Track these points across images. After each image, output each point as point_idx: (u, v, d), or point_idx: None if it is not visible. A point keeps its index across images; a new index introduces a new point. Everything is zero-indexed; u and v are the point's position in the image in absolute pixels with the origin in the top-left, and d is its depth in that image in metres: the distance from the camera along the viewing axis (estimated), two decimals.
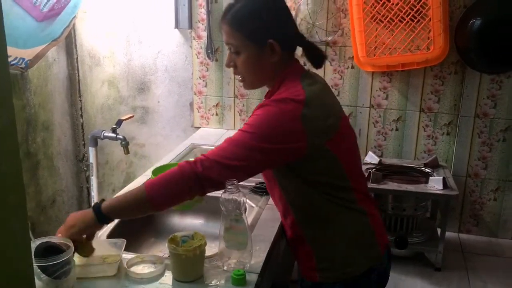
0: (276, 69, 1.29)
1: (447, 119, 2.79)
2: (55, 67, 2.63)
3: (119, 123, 1.96)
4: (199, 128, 3.06)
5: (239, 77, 1.34)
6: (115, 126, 1.94)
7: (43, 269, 1.07)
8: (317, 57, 1.35)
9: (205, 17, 2.85)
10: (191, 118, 3.08)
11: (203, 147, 2.47)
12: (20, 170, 0.69)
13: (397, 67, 2.68)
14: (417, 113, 2.81)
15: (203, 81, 2.99)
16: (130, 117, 2.06)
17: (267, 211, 1.63)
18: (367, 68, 2.76)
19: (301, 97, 1.20)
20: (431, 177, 2.53)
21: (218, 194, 1.24)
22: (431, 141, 2.84)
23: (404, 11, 2.54)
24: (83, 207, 2.86)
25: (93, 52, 2.93)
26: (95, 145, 2.00)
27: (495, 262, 2.65)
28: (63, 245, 1.13)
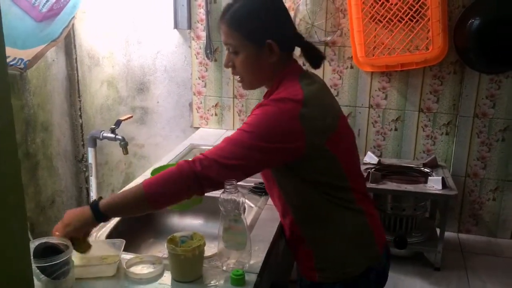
0: (274, 69, 1.29)
1: (446, 119, 2.79)
2: (54, 68, 2.63)
3: (118, 123, 1.96)
4: (198, 128, 3.06)
5: (238, 77, 1.34)
6: (114, 126, 1.94)
7: (42, 270, 1.07)
8: (316, 57, 1.35)
9: (204, 17, 2.85)
10: (191, 118, 3.08)
11: (203, 147, 2.47)
12: (19, 170, 0.69)
13: (396, 67, 2.68)
14: (416, 113, 2.81)
15: (202, 81, 3.00)
16: (129, 118, 2.06)
17: (266, 211, 1.63)
18: (366, 68, 2.76)
19: (300, 97, 1.21)
20: (430, 177, 2.53)
21: (217, 194, 1.24)
22: (430, 141, 2.84)
23: (403, 11, 2.54)
24: None
25: (92, 52, 2.93)
26: (94, 145, 1.99)
27: (494, 261, 2.66)
28: (62, 245, 1.13)
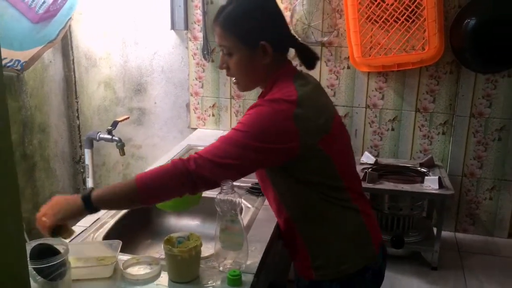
0: (268, 70, 1.30)
1: (443, 118, 2.80)
2: (51, 69, 2.63)
3: (115, 124, 1.96)
4: (195, 129, 3.06)
5: (234, 79, 1.34)
6: (110, 127, 1.94)
7: (39, 271, 1.07)
8: (310, 58, 1.36)
9: (201, 18, 2.86)
10: (188, 119, 3.08)
11: (200, 148, 2.43)
12: (14, 171, 0.69)
13: (392, 67, 2.69)
14: (413, 113, 2.82)
15: (200, 82, 3.00)
16: (125, 119, 2.06)
17: (263, 211, 1.63)
18: (362, 68, 2.77)
19: (294, 97, 1.21)
20: (426, 177, 2.54)
21: (213, 195, 1.24)
22: (426, 140, 2.85)
23: (399, 11, 2.55)
24: None
25: (89, 53, 2.93)
26: (91, 146, 1.99)
27: (491, 261, 2.66)
28: (59, 246, 1.13)
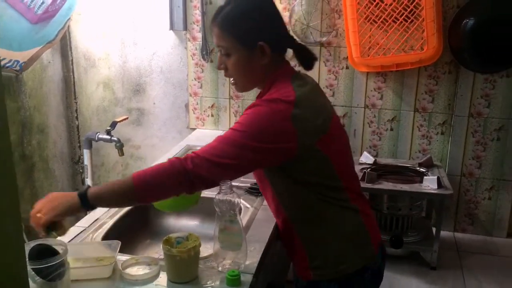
0: (266, 71, 1.30)
1: (442, 118, 2.80)
2: (50, 69, 2.63)
3: (114, 125, 1.97)
4: (194, 129, 3.07)
5: (232, 79, 1.35)
6: (109, 128, 1.94)
7: (38, 272, 1.07)
8: (308, 58, 1.35)
9: (199, 18, 2.86)
10: (187, 119, 3.08)
11: (199, 148, 2.47)
12: (13, 172, 0.69)
13: (391, 67, 2.69)
14: (412, 113, 2.82)
15: (198, 82, 3.00)
16: (124, 119, 2.07)
17: (262, 211, 1.64)
18: (361, 68, 2.77)
19: (292, 98, 1.21)
20: (425, 177, 2.54)
21: (212, 195, 1.24)
22: (425, 140, 2.85)
23: (397, 11, 2.55)
24: None
25: (88, 54, 2.93)
26: (90, 147, 2.00)
27: (490, 260, 2.67)
28: (58, 247, 1.13)
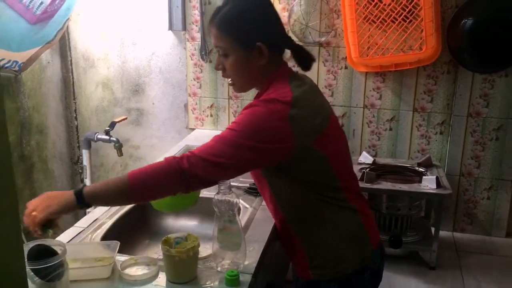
0: (264, 72, 1.30)
1: (440, 118, 2.80)
2: (49, 70, 2.63)
3: (112, 125, 1.97)
4: (194, 129, 3.07)
5: (230, 80, 1.35)
6: (108, 128, 1.94)
7: (36, 272, 1.07)
8: (306, 59, 1.36)
9: (198, 18, 2.86)
10: (186, 119, 3.08)
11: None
12: (12, 172, 0.69)
13: (390, 67, 2.70)
14: (411, 113, 2.82)
15: (198, 82, 3.00)
16: (123, 119, 2.07)
17: (261, 211, 1.64)
18: (360, 68, 2.78)
19: (289, 98, 1.21)
20: (424, 177, 2.54)
21: (211, 195, 1.24)
22: (424, 140, 2.86)
23: (396, 11, 2.55)
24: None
25: (87, 54, 2.93)
26: (89, 147, 2.00)
27: (488, 260, 2.67)
28: (56, 247, 1.13)
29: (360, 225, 1.33)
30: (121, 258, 1.29)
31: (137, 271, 1.25)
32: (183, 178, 1.17)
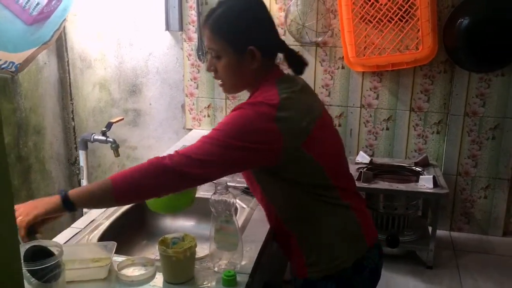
0: (256, 75, 1.30)
1: (437, 118, 2.81)
2: (45, 71, 2.63)
3: (109, 126, 1.96)
4: (191, 130, 3.07)
5: (219, 81, 1.35)
6: (105, 129, 1.94)
7: (33, 273, 1.07)
8: (298, 63, 1.36)
9: (195, 19, 2.86)
10: (183, 120, 3.08)
11: None
12: (7, 173, 0.69)
13: (386, 67, 2.70)
14: (407, 113, 2.83)
15: (195, 83, 3.00)
16: (119, 120, 2.06)
17: (258, 212, 1.64)
18: (357, 68, 2.78)
19: (275, 101, 1.21)
20: (421, 176, 2.55)
21: (208, 195, 1.24)
22: (421, 140, 2.86)
23: (392, 11, 2.56)
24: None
25: (84, 55, 2.93)
26: (85, 148, 1.99)
27: (485, 259, 2.68)
28: (53, 248, 1.13)
29: (353, 222, 1.33)
30: (118, 258, 1.29)
31: (134, 272, 1.25)
32: (166, 177, 1.17)
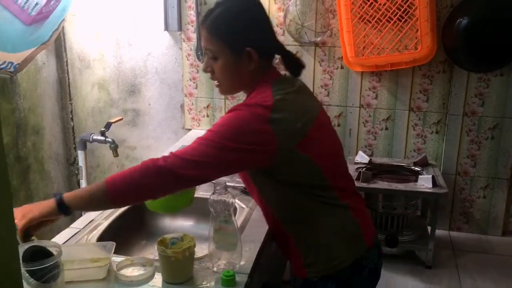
0: (253, 76, 1.30)
1: (436, 117, 2.81)
2: (44, 71, 2.62)
3: (108, 126, 1.96)
4: (190, 130, 3.07)
5: (216, 82, 1.35)
6: (104, 129, 1.94)
7: (32, 273, 1.07)
8: (295, 65, 1.35)
9: (194, 19, 2.86)
10: (182, 120, 3.08)
11: None
12: (6, 172, 0.69)
13: (385, 67, 2.70)
14: (406, 112, 2.83)
15: (194, 83, 3.00)
16: (118, 120, 2.06)
17: (257, 212, 1.64)
18: (356, 68, 2.78)
19: (269, 103, 1.21)
20: (420, 176, 2.55)
21: (207, 195, 1.24)
22: (420, 139, 2.87)
23: (391, 11, 2.56)
24: None
25: (83, 55, 2.93)
26: (84, 148, 1.99)
27: (484, 259, 2.68)
28: (52, 249, 1.13)
29: (352, 222, 1.33)
30: (117, 259, 1.29)
31: (133, 272, 1.25)
32: (160, 178, 1.17)
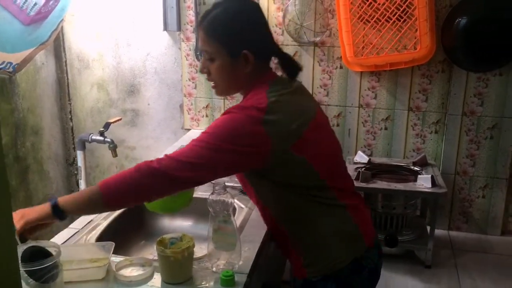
0: (249, 78, 1.30)
1: (435, 117, 2.81)
2: (43, 71, 2.62)
3: (107, 126, 1.96)
4: (189, 130, 3.06)
5: (212, 83, 1.35)
6: (102, 129, 1.94)
7: (31, 274, 1.07)
8: (292, 68, 1.35)
9: (193, 19, 2.86)
10: (181, 120, 3.08)
11: None
12: (5, 172, 0.69)
13: (385, 67, 2.70)
14: (406, 112, 2.83)
15: (193, 83, 3.00)
16: (117, 120, 2.06)
17: (256, 212, 1.63)
18: (355, 68, 2.78)
19: (263, 105, 1.22)
20: (419, 175, 2.55)
21: (206, 195, 1.24)
22: (419, 139, 2.87)
23: (390, 11, 2.56)
24: None
25: (82, 55, 2.93)
26: (83, 148, 1.99)
27: (484, 258, 2.68)
28: (51, 249, 1.13)
29: (351, 222, 1.33)
30: (116, 259, 1.29)
31: (132, 272, 1.26)
32: (155, 180, 1.17)
